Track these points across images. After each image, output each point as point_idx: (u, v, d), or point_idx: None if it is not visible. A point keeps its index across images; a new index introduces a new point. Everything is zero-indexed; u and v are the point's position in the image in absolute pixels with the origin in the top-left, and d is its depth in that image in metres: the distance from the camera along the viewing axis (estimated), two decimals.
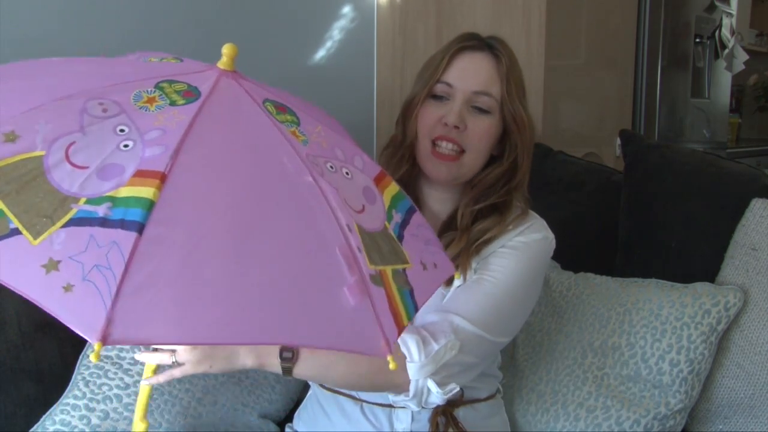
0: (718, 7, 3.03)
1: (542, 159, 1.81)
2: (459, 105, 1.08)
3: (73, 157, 0.70)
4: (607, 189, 1.67)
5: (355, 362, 0.99)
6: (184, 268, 0.66)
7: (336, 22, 2.24)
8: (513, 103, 1.09)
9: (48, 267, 0.64)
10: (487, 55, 1.10)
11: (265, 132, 0.77)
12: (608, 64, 2.46)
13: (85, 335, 0.62)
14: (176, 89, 0.77)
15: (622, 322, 1.35)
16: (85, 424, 1.17)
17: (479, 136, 1.08)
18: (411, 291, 0.79)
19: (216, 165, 0.72)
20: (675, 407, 1.27)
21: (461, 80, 1.09)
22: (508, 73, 1.09)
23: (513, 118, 1.09)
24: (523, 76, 1.15)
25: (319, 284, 0.72)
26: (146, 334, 0.64)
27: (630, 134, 1.74)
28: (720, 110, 3.29)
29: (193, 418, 1.24)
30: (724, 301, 1.29)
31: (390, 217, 0.84)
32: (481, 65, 1.10)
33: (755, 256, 1.34)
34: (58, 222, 0.66)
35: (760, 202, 1.38)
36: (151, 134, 0.71)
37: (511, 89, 1.09)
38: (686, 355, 1.27)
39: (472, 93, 1.09)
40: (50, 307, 0.64)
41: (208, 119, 0.74)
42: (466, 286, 1.09)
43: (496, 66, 1.09)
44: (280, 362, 0.96)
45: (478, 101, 1.09)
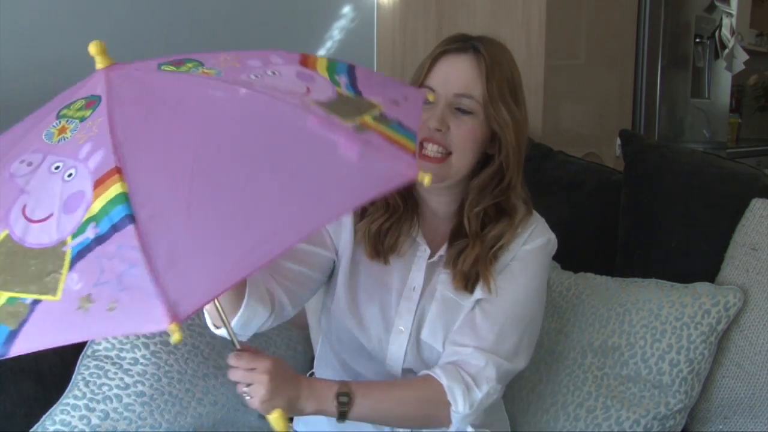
0: (718, 7, 3.03)
1: (542, 159, 1.81)
2: (441, 108, 1.08)
3: (33, 215, 0.72)
4: (607, 189, 1.66)
5: (409, 407, 1.06)
6: (190, 221, 0.67)
7: (336, 22, 2.24)
8: (494, 102, 1.08)
9: (83, 305, 0.65)
10: (469, 56, 1.10)
11: (178, 85, 0.79)
12: (608, 64, 2.46)
13: (159, 327, 0.62)
14: (77, 107, 0.78)
15: (621, 322, 1.35)
16: (85, 424, 1.17)
17: (462, 137, 1.09)
18: (399, 123, 0.80)
19: (157, 131, 0.74)
20: (675, 407, 1.27)
21: (442, 84, 1.10)
22: (489, 72, 1.08)
23: (495, 119, 1.09)
24: (518, 74, 1.14)
25: (315, 160, 0.73)
26: (203, 294, 0.66)
27: (630, 134, 1.74)
28: (720, 110, 3.28)
29: (193, 418, 1.24)
30: (723, 301, 1.29)
31: (337, 83, 0.84)
32: (462, 67, 1.10)
33: (755, 256, 1.34)
34: (63, 269, 0.68)
35: (760, 202, 1.38)
36: (83, 151, 0.72)
37: (492, 89, 1.08)
38: (686, 355, 1.27)
39: (453, 96, 1.09)
40: (111, 331, 0.67)
41: (122, 107, 0.75)
42: (498, 313, 1.12)
43: (478, 66, 1.09)
44: (337, 406, 0.99)
45: (460, 103, 1.09)
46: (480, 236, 1.13)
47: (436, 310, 1.14)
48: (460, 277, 1.13)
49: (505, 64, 1.12)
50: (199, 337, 1.30)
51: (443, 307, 1.14)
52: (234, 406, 1.26)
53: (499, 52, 1.12)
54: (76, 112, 0.77)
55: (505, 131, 1.09)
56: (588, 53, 2.34)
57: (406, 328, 1.15)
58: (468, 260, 1.12)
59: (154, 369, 1.23)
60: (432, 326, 1.14)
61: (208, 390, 1.26)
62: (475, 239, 1.13)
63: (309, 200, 0.71)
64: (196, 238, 0.67)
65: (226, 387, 1.29)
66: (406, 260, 1.17)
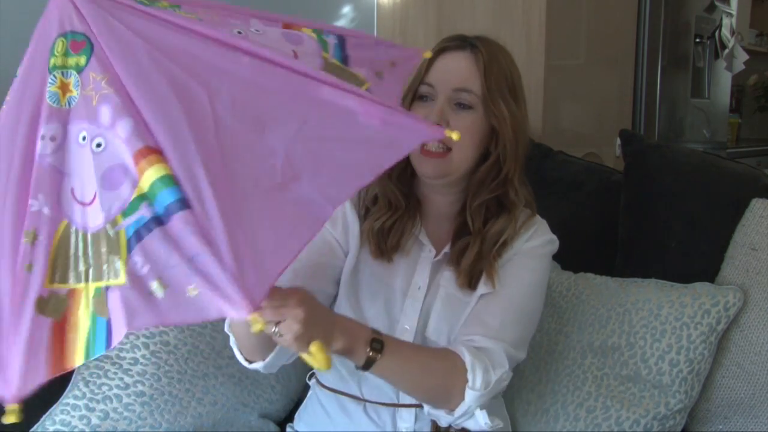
0: (718, 7, 3.03)
1: (542, 159, 1.81)
2: (441, 103, 1.10)
3: (84, 198, 0.68)
4: (607, 189, 1.66)
5: (430, 374, 1.04)
6: (236, 202, 0.66)
7: (336, 23, 2.24)
8: (493, 97, 1.10)
9: (157, 290, 0.64)
10: (466, 53, 1.12)
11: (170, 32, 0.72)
12: (608, 64, 2.46)
13: (240, 315, 0.62)
14: (61, 52, 0.71)
15: (621, 323, 1.35)
16: (85, 424, 1.17)
17: (462, 132, 1.07)
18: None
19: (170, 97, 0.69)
20: (675, 407, 1.27)
21: (441, 79, 1.11)
22: (488, 68, 1.10)
23: (493, 113, 1.10)
24: (517, 74, 1.15)
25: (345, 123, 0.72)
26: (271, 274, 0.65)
27: (630, 134, 1.74)
28: (720, 110, 3.28)
29: (193, 417, 1.24)
30: (723, 301, 1.29)
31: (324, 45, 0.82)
32: (461, 63, 1.11)
33: (755, 256, 1.34)
34: (121, 251, 0.66)
35: (760, 202, 1.38)
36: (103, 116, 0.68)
37: (491, 84, 1.10)
38: (686, 355, 1.27)
39: (452, 90, 1.10)
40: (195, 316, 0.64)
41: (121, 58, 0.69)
42: (501, 303, 1.12)
43: (476, 62, 1.11)
44: (367, 351, 0.96)
45: (460, 98, 1.10)
46: (482, 233, 1.14)
47: (441, 308, 1.15)
48: (464, 274, 1.13)
49: (504, 63, 1.13)
50: (199, 337, 1.30)
51: (447, 304, 1.15)
52: (234, 406, 1.26)
53: (498, 51, 1.14)
54: (66, 59, 0.71)
55: (503, 125, 1.10)
56: (588, 53, 2.34)
57: (411, 327, 1.15)
58: (470, 257, 1.13)
59: (154, 369, 1.23)
60: (437, 324, 1.15)
61: (208, 390, 1.26)
62: (477, 236, 1.14)
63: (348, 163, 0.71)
64: (247, 221, 0.66)
65: (226, 387, 1.29)
66: (411, 260, 1.17)
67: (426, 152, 1.10)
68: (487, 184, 1.14)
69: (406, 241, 1.16)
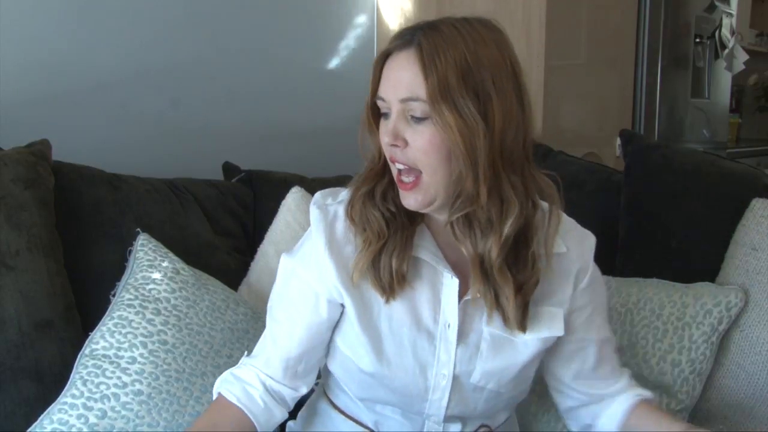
0: (718, 7, 3.03)
1: (542, 159, 1.81)
2: (393, 120, 0.92)
3: None
4: (607, 189, 1.66)
5: None
6: None
7: (336, 23, 2.24)
8: (434, 101, 0.88)
9: None
10: (410, 52, 0.91)
11: None
12: (608, 64, 2.46)
13: None
14: None
15: (623, 323, 1.35)
16: (83, 423, 1.17)
17: (423, 150, 0.91)
18: None
19: None
20: (676, 407, 1.27)
21: (389, 90, 0.93)
22: (429, 65, 0.88)
23: (437, 121, 0.89)
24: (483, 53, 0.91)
25: None
26: None
27: (630, 134, 1.74)
28: (720, 110, 3.28)
29: (191, 416, 1.23)
30: (725, 301, 1.29)
31: None
32: (404, 66, 0.91)
33: (755, 256, 1.34)
34: None
35: (760, 202, 1.38)
36: None
37: (433, 85, 0.88)
38: (687, 355, 1.27)
39: (400, 102, 0.91)
40: None
41: None
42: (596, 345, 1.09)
43: (420, 61, 0.89)
44: None
45: (411, 109, 0.91)
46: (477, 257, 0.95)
47: (488, 352, 1.01)
48: (513, 318, 0.98)
49: (456, 47, 0.89)
50: (197, 335, 1.30)
51: (494, 346, 1.01)
52: None
53: (449, 35, 0.90)
54: None
55: (450, 135, 0.88)
56: (588, 53, 2.34)
57: (449, 372, 1.01)
58: (510, 299, 0.96)
59: (152, 368, 1.23)
60: (485, 370, 1.01)
61: (207, 389, 1.26)
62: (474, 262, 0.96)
63: None
64: None
65: None
66: (433, 291, 1.01)
67: (402, 183, 0.95)
68: (450, 204, 0.95)
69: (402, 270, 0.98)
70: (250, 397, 1.04)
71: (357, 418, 1.10)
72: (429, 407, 1.03)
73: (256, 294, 1.52)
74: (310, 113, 2.05)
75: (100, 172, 1.48)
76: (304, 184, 1.65)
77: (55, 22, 1.66)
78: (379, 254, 0.97)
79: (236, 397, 1.03)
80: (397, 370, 1.00)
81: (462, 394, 1.03)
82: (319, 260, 1.00)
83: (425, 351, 1.01)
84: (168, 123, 1.85)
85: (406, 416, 1.06)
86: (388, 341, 1.00)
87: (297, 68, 2.10)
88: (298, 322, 1.04)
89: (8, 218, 1.27)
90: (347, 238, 1.00)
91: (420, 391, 1.02)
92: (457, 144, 0.89)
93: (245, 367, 1.07)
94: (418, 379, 1.01)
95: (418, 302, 1.00)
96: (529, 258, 0.96)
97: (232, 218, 1.64)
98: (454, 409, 1.03)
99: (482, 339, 1.01)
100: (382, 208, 0.98)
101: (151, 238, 1.39)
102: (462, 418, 1.06)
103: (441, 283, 1.01)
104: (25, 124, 1.52)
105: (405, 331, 1.00)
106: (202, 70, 1.92)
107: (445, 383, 1.01)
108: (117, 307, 1.29)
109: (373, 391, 1.04)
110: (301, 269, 1.03)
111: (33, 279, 1.27)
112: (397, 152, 0.93)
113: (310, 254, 1.02)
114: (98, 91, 1.72)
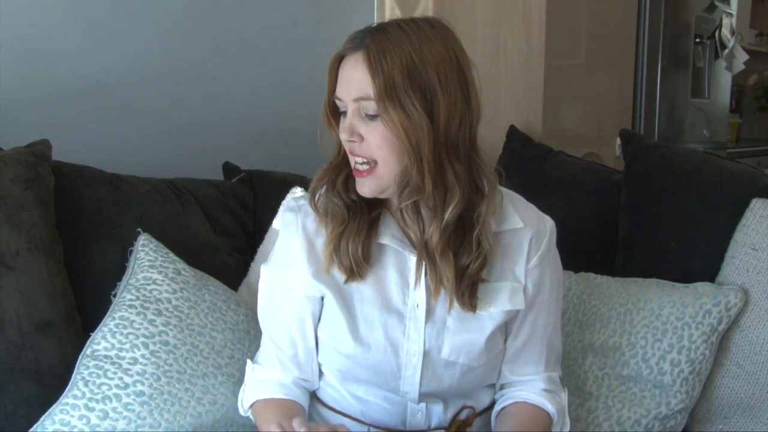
0: (718, 7, 3.03)
1: (542, 159, 1.81)
2: (349, 118, 1.01)
3: None
4: (607, 189, 1.66)
5: None
6: None
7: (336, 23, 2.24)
8: (381, 100, 0.95)
9: None
10: (360, 54, 0.98)
11: None
12: (608, 64, 2.46)
13: None
14: None
15: (623, 322, 1.35)
16: (85, 423, 1.17)
17: (377, 144, 0.99)
18: None
19: None
20: (676, 407, 1.27)
21: (342, 90, 1.01)
22: (375, 66, 0.95)
23: (384, 119, 0.97)
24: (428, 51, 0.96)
25: None
26: None
27: (630, 134, 1.74)
28: (720, 110, 3.28)
29: (192, 417, 1.23)
30: (725, 301, 1.29)
31: None
32: (354, 68, 0.98)
33: (755, 256, 1.34)
34: None
35: (760, 202, 1.38)
36: None
37: (380, 84, 0.95)
38: (687, 355, 1.27)
39: (353, 101, 0.99)
40: None
41: None
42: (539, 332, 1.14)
43: (368, 62, 0.97)
44: None
45: (364, 108, 0.99)
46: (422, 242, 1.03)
47: (455, 327, 1.07)
48: (462, 299, 1.04)
49: (402, 46, 0.96)
50: (199, 336, 1.30)
51: (460, 321, 1.07)
52: (234, 405, 1.26)
53: (394, 36, 0.97)
54: None
55: (395, 131, 0.96)
56: (588, 53, 2.34)
57: (419, 349, 1.07)
58: (450, 280, 1.03)
59: (154, 368, 1.23)
60: (453, 344, 1.07)
61: (208, 389, 1.26)
62: (420, 248, 1.03)
63: None
64: None
65: (226, 386, 1.29)
66: (400, 274, 1.07)
67: (357, 172, 1.02)
68: (398, 194, 1.02)
69: (366, 252, 1.05)
70: (286, 386, 1.12)
71: (345, 411, 1.13)
72: (403, 384, 1.08)
73: (256, 294, 1.51)
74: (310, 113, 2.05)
75: (100, 172, 1.48)
76: (304, 184, 1.65)
77: (55, 22, 1.66)
78: (340, 239, 1.05)
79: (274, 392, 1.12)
80: (371, 349, 1.07)
81: (434, 370, 1.08)
82: (295, 259, 1.09)
83: (396, 330, 1.07)
84: (168, 123, 1.85)
85: (389, 400, 1.11)
86: (362, 323, 1.07)
87: (297, 68, 2.10)
88: (292, 326, 1.12)
89: (8, 218, 1.27)
90: (318, 232, 1.08)
91: (393, 368, 1.07)
92: (403, 140, 0.96)
93: (260, 372, 1.15)
94: (391, 357, 1.07)
95: (387, 285, 1.07)
96: (474, 241, 1.02)
97: (232, 218, 1.64)
98: (428, 385, 1.08)
99: (448, 315, 1.06)
100: (344, 196, 1.06)
101: (152, 239, 1.39)
102: (440, 397, 1.11)
103: (407, 267, 1.07)
104: (25, 124, 1.52)
105: (376, 312, 1.07)
106: (202, 70, 1.92)
107: (416, 360, 1.07)
108: (118, 308, 1.29)
109: (351, 371, 1.09)
110: (280, 273, 1.12)
111: (33, 279, 1.27)
112: (355, 147, 1.01)
113: (285, 257, 1.11)
114: (98, 91, 1.72)
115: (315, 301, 1.11)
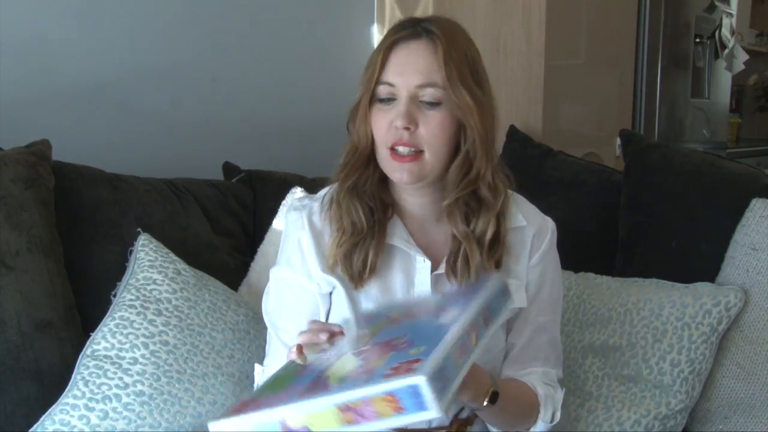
0: (718, 7, 3.03)
1: (542, 159, 1.81)
2: (405, 104, 1.00)
3: None
4: (607, 189, 1.66)
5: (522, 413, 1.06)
6: None
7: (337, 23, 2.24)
8: (455, 87, 0.99)
9: None
10: (423, 41, 1.00)
11: None
12: (608, 64, 2.46)
13: None
14: None
15: (622, 323, 1.35)
16: (85, 423, 1.17)
17: (434, 132, 1.00)
18: None
19: None
20: (676, 407, 1.27)
21: (401, 76, 1.00)
22: (447, 55, 0.99)
23: (458, 105, 0.99)
24: (476, 53, 1.05)
25: None
26: None
27: (630, 134, 1.74)
28: (720, 110, 3.28)
29: (192, 417, 1.23)
30: (725, 301, 1.29)
31: None
32: (419, 54, 1.00)
33: (755, 256, 1.34)
34: None
35: (760, 202, 1.38)
36: None
37: (452, 73, 0.98)
38: (687, 355, 1.27)
39: (416, 87, 1.00)
40: None
41: None
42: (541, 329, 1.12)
43: (434, 52, 0.99)
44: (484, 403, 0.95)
45: (425, 95, 1.00)
46: (470, 235, 1.05)
47: None
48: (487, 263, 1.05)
49: (463, 44, 1.03)
50: (199, 336, 1.30)
51: None
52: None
53: (455, 32, 1.03)
54: None
55: (470, 118, 1.00)
56: (588, 53, 2.34)
57: None
58: (473, 268, 1.04)
59: (154, 368, 1.23)
60: None
61: (208, 389, 1.26)
62: (468, 241, 1.05)
63: None
64: None
65: (226, 386, 1.29)
66: (406, 275, 1.08)
67: (397, 157, 1.02)
68: (457, 183, 1.04)
69: (374, 260, 1.05)
70: None
71: None
72: None
73: (256, 294, 1.52)
74: (310, 113, 2.05)
75: (100, 172, 1.48)
76: (304, 184, 1.65)
77: (55, 22, 1.67)
78: (354, 247, 1.05)
79: None
80: None
81: None
82: (305, 255, 1.08)
83: None
84: (168, 123, 1.85)
85: None
86: None
87: (297, 68, 2.10)
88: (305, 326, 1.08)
89: (8, 218, 1.27)
90: (324, 229, 1.09)
91: None
92: (474, 125, 1.00)
93: None
94: None
95: (391, 286, 1.07)
96: (501, 234, 1.06)
97: (232, 218, 1.64)
98: None
99: None
100: (369, 201, 1.06)
101: (152, 239, 1.39)
102: None
103: (414, 267, 1.07)
104: (25, 124, 1.52)
105: None
106: (202, 70, 1.92)
107: None
108: (118, 308, 1.29)
109: None
110: (291, 273, 1.10)
111: (33, 279, 1.27)
112: (406, 135, 1.00)
113: (294, 256, 1.10)
114: (98, 91, 1.72)
115: (326, 298, 1.10)
